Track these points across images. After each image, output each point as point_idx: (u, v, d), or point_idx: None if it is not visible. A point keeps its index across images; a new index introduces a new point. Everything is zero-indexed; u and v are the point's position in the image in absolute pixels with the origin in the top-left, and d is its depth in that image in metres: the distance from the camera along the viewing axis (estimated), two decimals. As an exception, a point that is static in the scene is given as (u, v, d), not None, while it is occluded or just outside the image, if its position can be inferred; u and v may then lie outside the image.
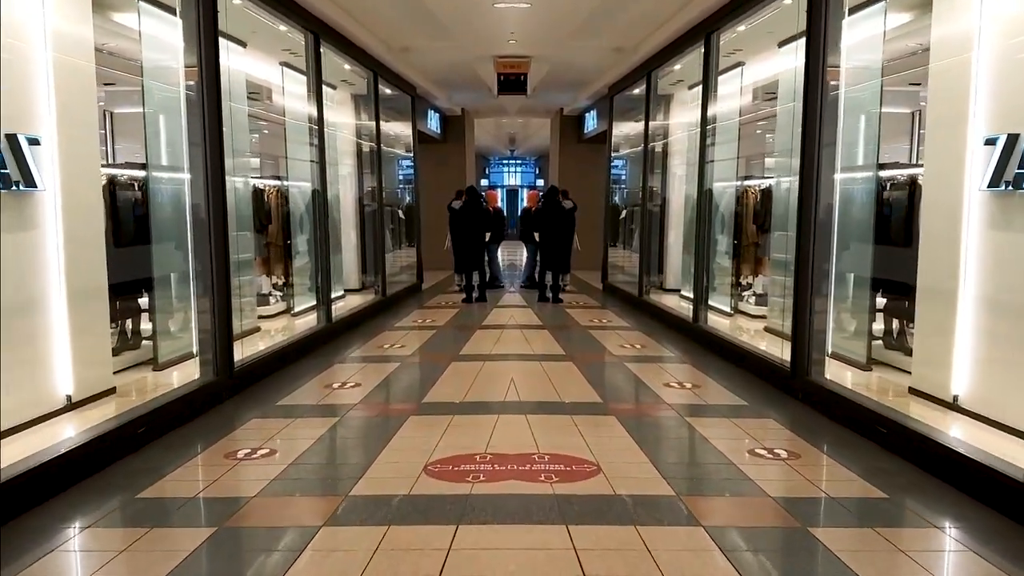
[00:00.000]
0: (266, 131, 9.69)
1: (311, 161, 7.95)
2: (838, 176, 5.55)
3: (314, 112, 8.01)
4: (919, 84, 8.87)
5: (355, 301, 10.09)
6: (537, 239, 12.36)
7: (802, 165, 5.62)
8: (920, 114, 10.09)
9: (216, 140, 5.39)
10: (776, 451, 4.37)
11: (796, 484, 3.87)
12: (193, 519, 3.41)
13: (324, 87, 9.78)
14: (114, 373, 5.39)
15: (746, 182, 9.69)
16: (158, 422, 4.63)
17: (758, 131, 10.29)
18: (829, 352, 5.76)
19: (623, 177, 13.41)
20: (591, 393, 5.72)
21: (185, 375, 5.51)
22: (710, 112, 7.98)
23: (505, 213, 16.24)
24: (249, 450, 4.35)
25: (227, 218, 5.55)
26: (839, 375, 5.57)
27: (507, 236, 14.47)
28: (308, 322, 8.11)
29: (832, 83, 5.50)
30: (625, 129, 12.59)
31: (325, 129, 8.12)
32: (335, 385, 6.02)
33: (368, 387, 5.93)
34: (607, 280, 12.76)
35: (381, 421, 5.04)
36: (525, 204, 13.01)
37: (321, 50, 8.00)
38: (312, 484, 3.87)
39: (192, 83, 5.30)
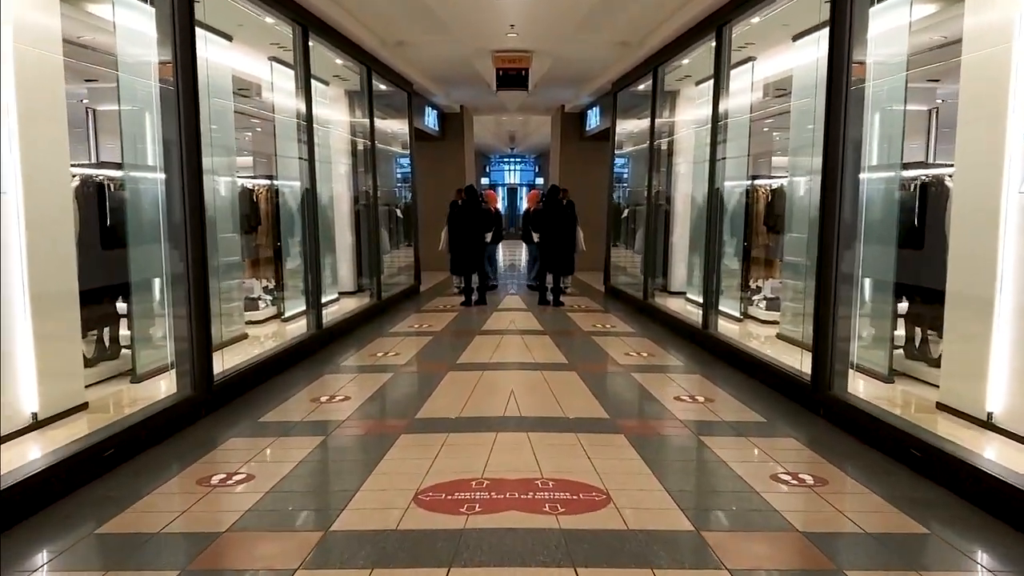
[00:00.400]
0: (259, 129, 9.34)
1: (300, 159, 7.56)
2: (864, 176, 5.18)
3: (304, 108, 7.64)
4: (937, 80, 8.53)
5: (350, 305, 9.73)
6: (536, 239, 12.01)
7: (825, 164, 5.25)
8: (937, 112, 9.74)
9: (192, 138, 5.02)
10: (801, 476, 4.00)
11: (826, 516, 3.51)
12: (155, 559, 3.05)
13: (316, 83, 9.43)
14: (89, 386, 5.05)
15: (756, 181, 9.34)
16: (128, 443, 4.26)
17: (765, 129, 9.93)
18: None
19: (625, 175, 13.05)
20: (596, 407, 5.35)
21: (165, 388, 5.15)
22: (721, 108, 7.60)
23: (504, 213, 15.87)
24: (224, 475, 3.98)
25: (204, 220, 5.17)
26: (861, 388, 5.20)
27: (505, 236, 14.02)
28: (299, 328, 7.75)
29: (857, 77, 5.12)
30: (629, 126, 12.21)
31: (316, 126, 7.74)
32: (323, 399, 5.65)
33: (358, 401, 5.57)
34: (609, 282, 12.39)
35: (370, 440, 4.67)
36: (525, 204, 12.60)
37: (310, 43, 7.61)
38: (290, 517, 3.49)
39: (167, 77, 4.92)
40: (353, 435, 4.79)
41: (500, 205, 15.86)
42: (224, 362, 5.73)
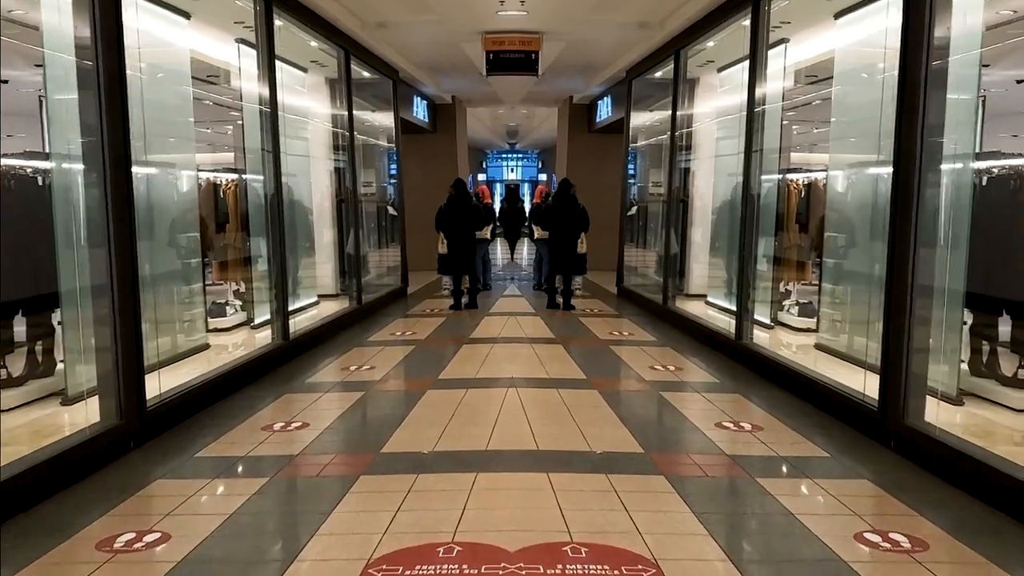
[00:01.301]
0: (240, 121, 8.57)
1: (264, 150, 6.64)
2: (949, 168, 4.37)
3: (267, 94, 6.79)
4: (987, 65, 7.73)
5: (329, 309, 8.92)
6: (536, 236, 11.25)
7: (897, 156, 4.45)
8: (984, 100, 8.94)
9: (118, 123, 4.17)
10: (892, 536, 3.21)
11: (946, 603, 2.71)
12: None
13: (292, 70, 8.66)
14: (13, 408, 4.28)
15: (788, 175, 8.54)
16: (28, 490, 3.45)
17: (784, 121, 9.15)
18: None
19: (633, 171, 12.22)
20: (627, 438, 4.54)
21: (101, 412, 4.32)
22: (758, 93, 6.79)
23: (499, 211, 15.03)
24: (134, 534, 3.17)
25: (132, 219, 4.31)
26: (930, 412, 4.41)
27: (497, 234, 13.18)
28: (267, 337, 6.94)
29: (938, 52, 4.32)
30: (645, 117, 11.40)
31: (293, 116, 6.92)
32: (276, 426, 4.80)
33: (317, 428, 4.73)
34: (623, 284, 11.58)
35: (322, 485, 3.82)
36: (534, 200, 11.79)
37: (276, 21, 6.74)
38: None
39: (86, 53, 4.06)
40: (304, 476, 3.96)
41: (492, 200, 14.97)
42: (167, 382, 4.94)
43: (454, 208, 9.64)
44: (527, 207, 15.09)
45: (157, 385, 4.75)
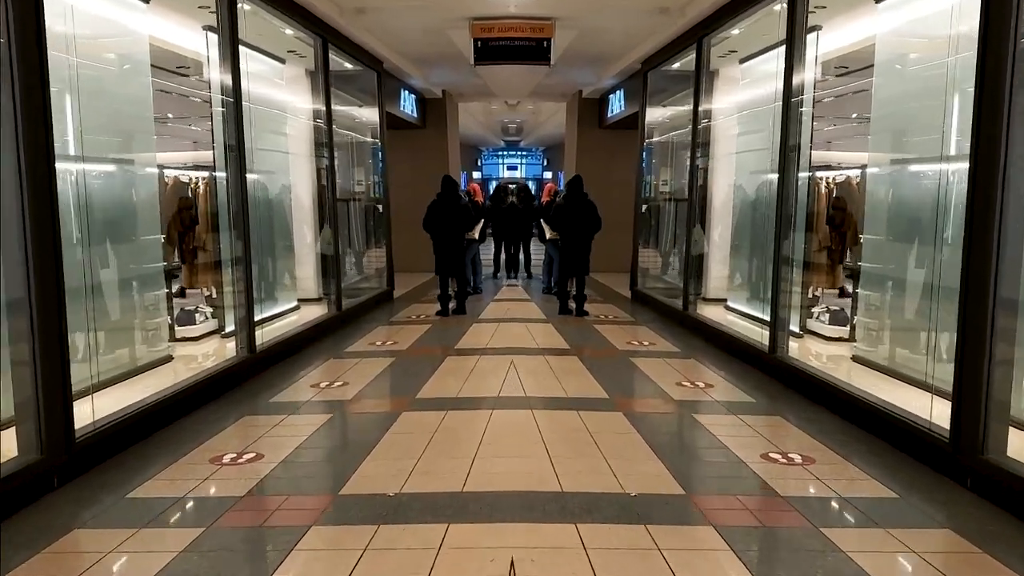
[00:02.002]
0: (215, 112, 8.03)
1: (226, 146, 6.01)
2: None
3: (245, 85, 6.19)
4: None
5: (310, 314, 8.34)
6: (549, 237, 10.66)
7: (975, 150, 3.85)
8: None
9: (37, 110, 3.59)
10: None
11: None
12: None
13: (265, 58, 8.07)
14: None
15: (818, 173, 7.96)
16: None
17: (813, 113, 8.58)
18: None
19: (648, 168, 11.62)
20: (662, 474, 3.95)
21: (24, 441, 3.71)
22: (796, 82, 6.19)
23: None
24: None
25: (56, 223, 3.71)
26: (1017, 447, 3.83)
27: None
28: (259, 335, 6.39)
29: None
30: (662, 111, 10.80)
31: (248, 105, 6.31)
32: (227, 457, 4.21)
33: (272, 460, 4.14)
34: (636, 287, 10.98)
35: (264, 538, 3.22)
36: (542, 199, 11.18)
37: (243, 5, 6.13)
38: None
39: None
40: (246, 526, 3.34)
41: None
42: (113, 403, 4.42)
43: (440, 206, 9.07)
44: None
45: (93, 410, 4.18)
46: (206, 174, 6.83)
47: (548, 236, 10.57)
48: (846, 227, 7.84)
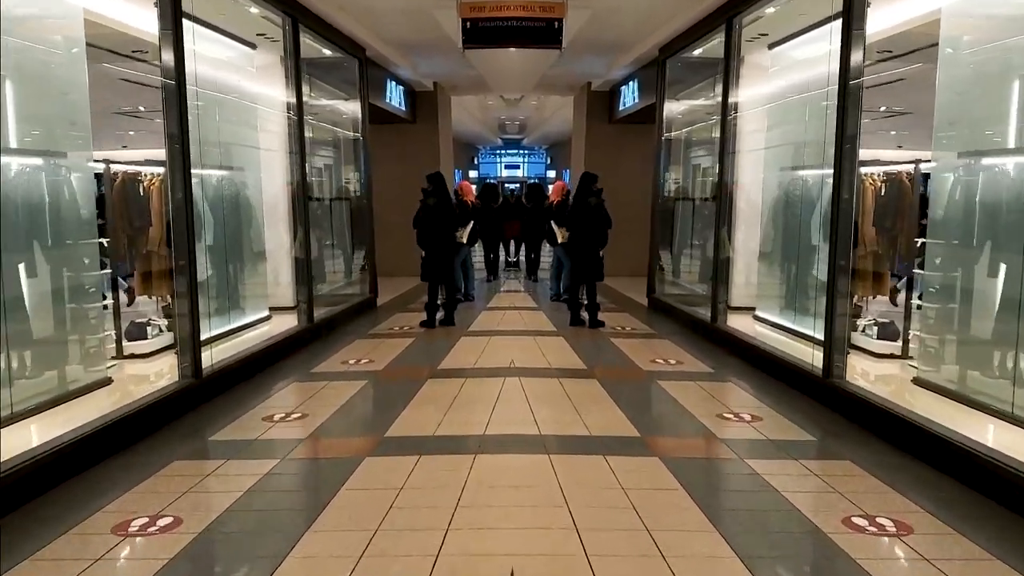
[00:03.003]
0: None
1: (169, 136, 5.10)
2: None
3: (192, 67, 5.31)
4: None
5: (280, 327, 7.45)
6: (561, 240, 9.78)
7: None
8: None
9: None
10: None
11: None
12: None
13: (232, 42, 7.20)
14: None
15: (865, 168, 7.06)
16: None
17: (825, 103, 7.73)
18: None
19: (665, 164, 10.72)
20: (727, 563, 3.05)
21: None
22: (854, 62, 5.28)
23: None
24: None
25: None
26: None
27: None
28: (207, 357, 5.50)
29: None
30: (682, 102, 9.91)
31: (195, 89, 5.45)
32: (136, 524, 3.29)
33: (188, 530, 3.23)
34: (654, 294, 10.07)
35: None
36: (550, 198, 10.28)
37: None
38: None
39: None
40: None
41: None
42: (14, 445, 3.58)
43: (428, 206, 8.19)
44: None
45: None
46: (161, 170, 5.91)
47: (559, 239, 9.70)
48: (897, 229, 6.94)
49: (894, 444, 4.42)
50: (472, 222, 9.98)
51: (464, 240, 9.88)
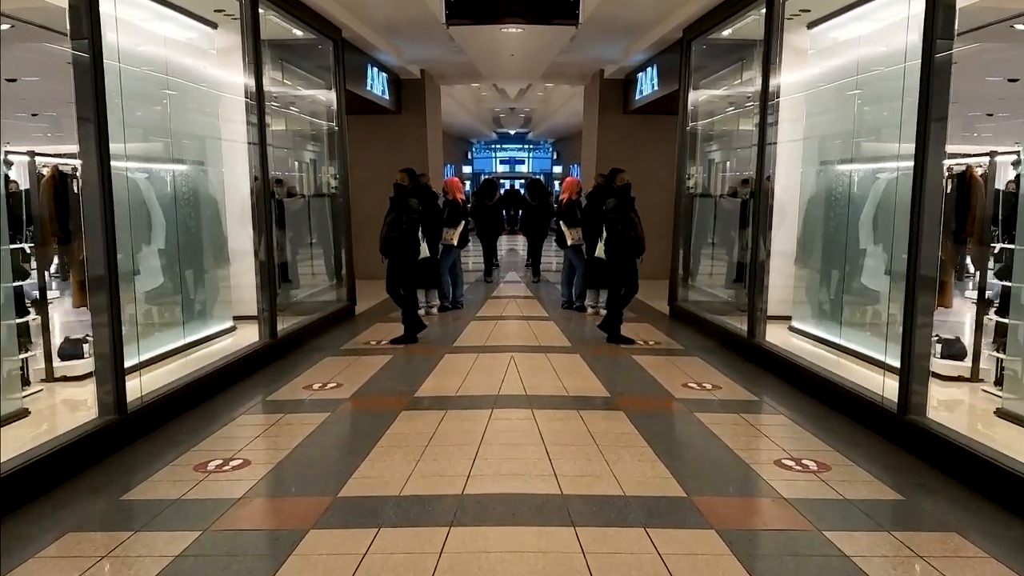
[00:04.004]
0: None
1: (82, 119, 4.17)
2: None
3: (114, 39, 4.43)
4: None
5: (242, 341, 6.58)
6: (572, 243, 8.91)
7: None
8: None
9: None
10: None
11: None
12: None
13: (199, 25, 6.40)
14: None
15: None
16: None
17: (855, 92, 6.84)
18: None
19: (690, 157, 9.78)
20: None
21: None
22: (941, 24, 4.35)
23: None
24: None
25: None
26: None
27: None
28: (136, 387, 4.59)
29: None
30: (709, 88, 8.98)
31: (118, 65, 4.57)
32: None
33: None
34: (676, 301, 9.14)
35: None
36: (562, 196, 9.36)
37: None
38: None
39: None
40: None
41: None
42: None
43: (401, 203, 7.29)
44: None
45: None
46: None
47: (569, 241, 8.81)
48: (968, 231, 6.03)
49: (1003, 504, 3.51)
50: (463, 222, 9.11)
51: (455, 242, 9.01)
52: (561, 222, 9.07)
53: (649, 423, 4.80)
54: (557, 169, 31.22)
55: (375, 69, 11.08)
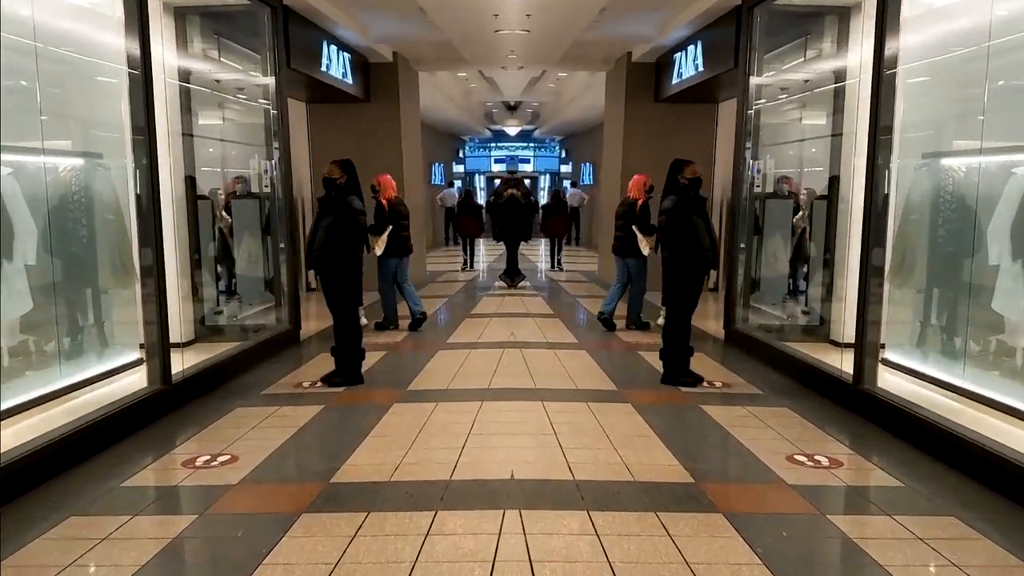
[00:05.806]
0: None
1: None
2: None
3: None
4: None
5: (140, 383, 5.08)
6: (647, 252, 7.54)
7: None
8: None
9: None
10: None
11: None
12: None
13: None
14: None
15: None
16: None
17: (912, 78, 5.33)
18: None
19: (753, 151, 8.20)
20: None
21: None
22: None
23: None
24: None
25: None
26: None
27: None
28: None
29: None
30: (785, 68, 7.46)
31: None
32: None
33: None
34: (733, 325, 7.53)
35: None
36: (633, 196, 7.74)
37: None
38: None
39: None
40: None
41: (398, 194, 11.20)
42: None
43: (330, 204, 5.70)
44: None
45: None
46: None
47: (646, 251, 7.38)
48: None
49: None
50: (390, 227, 7.55)
51: (379, 251, 7.46)
52: (635, 227, 7.56)
53: (761, 533, 3.19)
54: (565, 168, 29.54)
55: (333, 47, 9.40)
